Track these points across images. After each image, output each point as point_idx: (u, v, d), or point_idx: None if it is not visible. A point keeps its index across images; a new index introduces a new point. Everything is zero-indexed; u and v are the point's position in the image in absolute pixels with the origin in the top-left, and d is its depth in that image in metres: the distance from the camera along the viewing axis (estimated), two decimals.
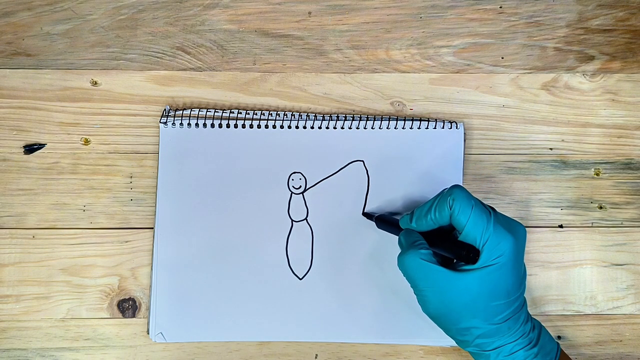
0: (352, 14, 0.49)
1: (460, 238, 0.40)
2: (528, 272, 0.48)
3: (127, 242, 0.47)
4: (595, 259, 0.48)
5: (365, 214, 0.47)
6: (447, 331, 0.41)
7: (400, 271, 0.41)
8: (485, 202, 0.48)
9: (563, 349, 0.47)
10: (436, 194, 0.41)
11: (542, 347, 0.40)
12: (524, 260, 0.42)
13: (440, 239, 0.41)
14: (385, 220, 0.45)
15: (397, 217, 0.44)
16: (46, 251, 0.47)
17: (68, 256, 0.47)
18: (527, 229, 0.48)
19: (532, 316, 0.42)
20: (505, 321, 0.39)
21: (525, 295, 0.42)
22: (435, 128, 0.48)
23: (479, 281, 0.38)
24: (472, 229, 0.39)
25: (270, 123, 0.48)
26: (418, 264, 0.39)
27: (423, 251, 0.39)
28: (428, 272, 0.39)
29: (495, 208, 0.41)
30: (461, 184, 0.41)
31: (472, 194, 0.40)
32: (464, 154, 0.48)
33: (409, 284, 0.41)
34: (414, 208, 0.43)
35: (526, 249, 0.48)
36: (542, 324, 0.47)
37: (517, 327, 0.40)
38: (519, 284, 0.40)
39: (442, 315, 0.40)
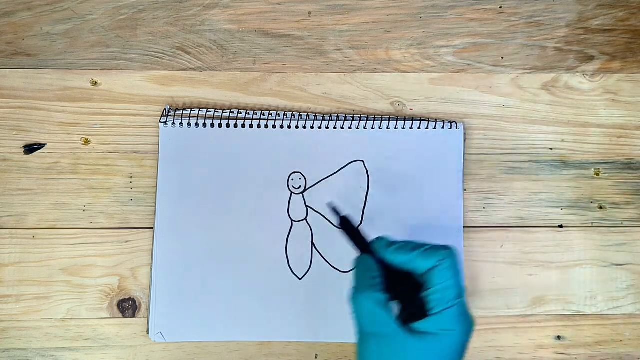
0: (352, 14, 0.49)
1: (426, 293, 0.36)
2: (528, 272, 0.48)
3: (127, 242, 0.47)
4: (595, 259, 0.48)
5: (331, 206, 0.42)
6: None
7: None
8: (485, 202, 0.48)
9: (563, 349, 0.47)
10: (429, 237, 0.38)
11: None
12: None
13: (401, 284, 0.38)
14: (352, 228, 0.41)
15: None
16: (46, 251, 0.47)
17: (68, 256, 0.47)
18: (527, 229, 0.48)
19: None
20: None
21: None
22: (435, 128, 0.48)
23: (421, 347, 0.35)
24: (444, 290, 0.36)
25: (270, 123, 0.48)
26: (370, 306, 0.36)
27: (379, 295, 0.36)
28: (378, 318, 0.35)
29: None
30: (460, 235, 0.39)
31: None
32: (464, 154, 0.48)
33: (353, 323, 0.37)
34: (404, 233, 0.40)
35: (527, 249, 0.48)
36: (541, 324, 0.47)
37: None
38: None
39: None
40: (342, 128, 0.48)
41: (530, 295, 0.48)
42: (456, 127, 0.48)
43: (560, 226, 0.48)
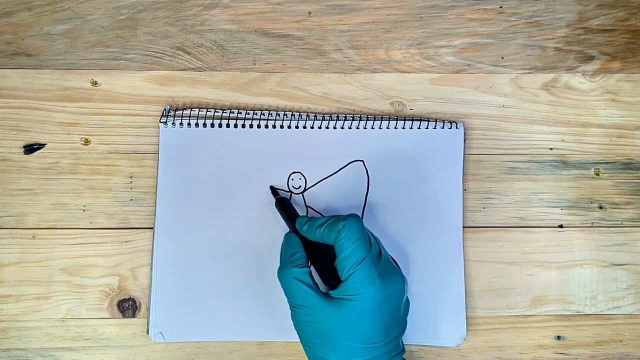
0: (352, 14, 0.49)
1: (335, 263, 0.40)
2: (528, 272, 0.48)
3: (127, 242, 0.47)
4: (595, 259, 0.48)
5: (272, 188, 0.47)
6: (307, 355, 0.41)
7: None
8: (485, 202, 0.48)
9: (563, 349, 0.47)
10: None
11: None
12: (405, 319, 0.42)
13: (319, 255, 0.42)
14: (286, 208, 0.45)
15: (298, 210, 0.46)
16: (46, 251, 0.47)
17: (68, 256, 0.47)
18: (527, 229, 0.48)
19: None
20: None
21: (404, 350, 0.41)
22: (435, 128, 0.48)
23: (336, 313, 0.39)
24: (345, 258, 0.39)
25: (270, 123, 0.48)
26: (290, 281, 0.40)
27: (297, 269, 0.40)
28: (298, 291, 0.40)
29: (382, 248, 0.42)
30: (357, 214, 0.42)
31: (366, 226, 0.41)
32: (464, 154, 0.48)
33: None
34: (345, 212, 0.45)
35: (527, 249, 0.48)
36: (541, 324, 0.47)
37: None
38: (382, 334, 0.39)
39: (305, 337, 0.40)
40: (342, 128, 0.48)
41: (530, 295, 0.48)
42: (456, 127, 0.48)
43: (560, 226, 0.48)
